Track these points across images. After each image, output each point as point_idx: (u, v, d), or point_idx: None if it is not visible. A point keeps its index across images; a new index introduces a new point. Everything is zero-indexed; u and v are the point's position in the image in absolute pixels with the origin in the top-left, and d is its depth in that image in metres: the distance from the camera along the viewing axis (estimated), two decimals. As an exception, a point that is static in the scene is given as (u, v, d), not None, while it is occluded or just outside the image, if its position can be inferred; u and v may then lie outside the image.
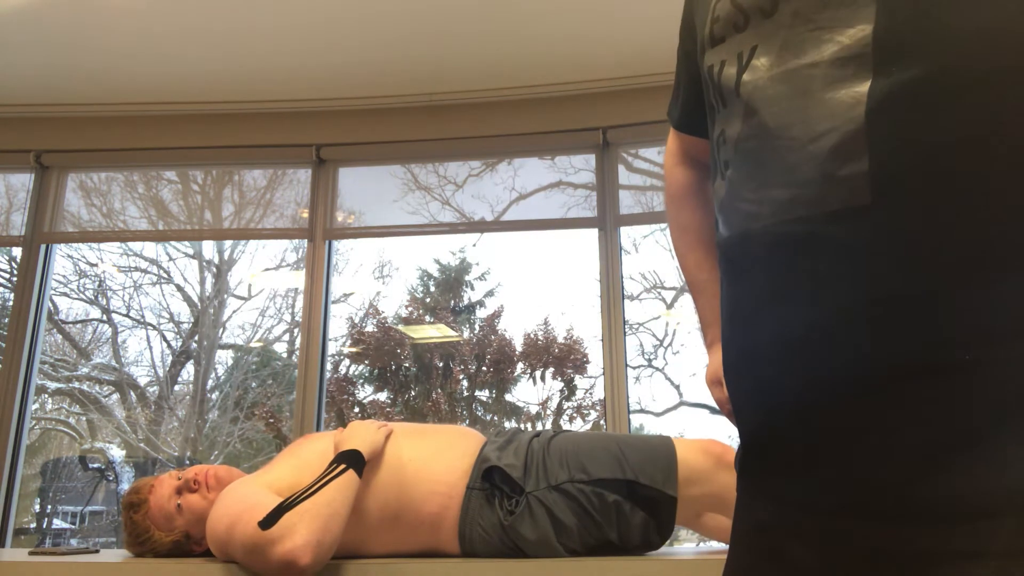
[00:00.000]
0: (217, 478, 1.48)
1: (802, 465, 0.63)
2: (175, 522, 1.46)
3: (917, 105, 0.57)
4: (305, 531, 1.20)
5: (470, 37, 2.69)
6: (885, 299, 0.56)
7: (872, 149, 0.57)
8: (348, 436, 1.41)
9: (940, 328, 0.55)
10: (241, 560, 1.27)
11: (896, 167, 0.57)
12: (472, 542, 1.38)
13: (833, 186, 0.59)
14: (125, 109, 3.10)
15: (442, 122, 3.05)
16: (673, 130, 1.06)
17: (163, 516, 1.46)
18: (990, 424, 0.53)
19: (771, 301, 0.65)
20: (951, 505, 0.53)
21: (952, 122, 0.55)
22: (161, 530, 1.46)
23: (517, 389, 6.13)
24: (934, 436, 0.54)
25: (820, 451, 0.61)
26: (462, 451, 1.47)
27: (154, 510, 1.47)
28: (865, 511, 0.57)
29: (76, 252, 5.64)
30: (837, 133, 0.59)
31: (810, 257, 0.61)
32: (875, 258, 0.57)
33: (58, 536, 5.79)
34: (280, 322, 6.27)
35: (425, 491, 1.40)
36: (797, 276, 0.62)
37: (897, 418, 0.55)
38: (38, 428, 5.84)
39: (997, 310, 0.53)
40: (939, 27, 0.57)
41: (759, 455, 0.69)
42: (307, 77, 2.94)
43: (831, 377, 0.59)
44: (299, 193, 3.12)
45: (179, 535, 1.45)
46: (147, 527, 1.46)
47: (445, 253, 6.29)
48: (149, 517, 1.46)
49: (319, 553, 1.21)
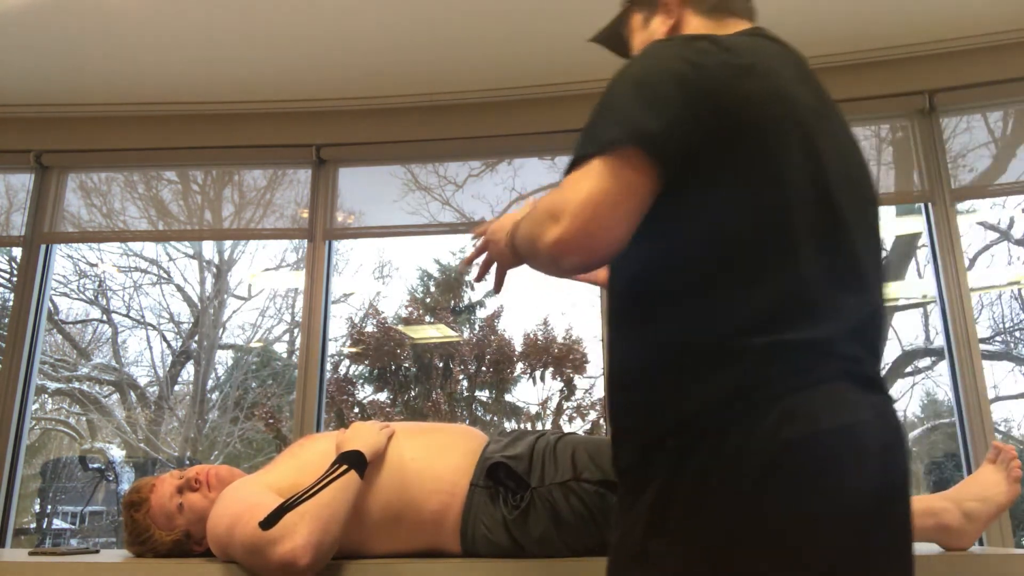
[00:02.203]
0: (218, 477, 1.48)
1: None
2: (176, 521, 1.45)
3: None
4: (305, 532, 1.20)
5: (470, 37, 2.69)
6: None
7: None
8: (350, 437, 1.41)
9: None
10: (241, 560, 1.27)
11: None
12: (475, 540, 1.38)
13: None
14: (125, 109, 3.10)
15: (442, 122, 3.05)
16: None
17: (164, 515, 1.46)
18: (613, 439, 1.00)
19: None
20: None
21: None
22: (162, 529, 1.46)
23: (517, 389, 6.14)
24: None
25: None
26: (465, 450, 1.46)
27: (155, 509, 1.47)
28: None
29: (76, 252, 5.64)
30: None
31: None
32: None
33: (58, 536, 5.79)
34: (280, 322, 6.27)
35: (427, 490, 1.40)
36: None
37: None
38: (38, 428, 5.84)
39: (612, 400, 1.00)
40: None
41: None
42: (307, 77, 2.94)
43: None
44: (299, 193, 3.12)
45: (179, 534, 1.45)
46: (147, 526, 1.46)
47: (445, 253, 6.30)
48: (150, 516, 1.46)
49: (319, 554, 1.21)
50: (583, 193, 0.89)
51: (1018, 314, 5.12)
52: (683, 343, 0.90)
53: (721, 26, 1.11)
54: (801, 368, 0.86)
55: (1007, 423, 4.89)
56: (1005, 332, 5.08)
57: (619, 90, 0.96)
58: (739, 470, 0.81)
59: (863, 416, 0.85)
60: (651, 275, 0.94)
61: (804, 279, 0.90)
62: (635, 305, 0.97)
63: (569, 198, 0.90)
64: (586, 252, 0.90)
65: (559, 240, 0.89)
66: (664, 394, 0.90)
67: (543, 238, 0.91)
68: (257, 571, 1.24)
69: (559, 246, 0.89)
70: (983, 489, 1.45)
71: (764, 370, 0.85)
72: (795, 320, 0.87)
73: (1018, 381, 4.93)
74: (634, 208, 0.90)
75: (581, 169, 0.91)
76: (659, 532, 0.84)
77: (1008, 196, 3.97)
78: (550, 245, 0.90)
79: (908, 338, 5.21)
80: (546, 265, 0.97)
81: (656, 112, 0.90)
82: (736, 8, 1.14)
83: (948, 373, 2.61)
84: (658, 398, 0.91)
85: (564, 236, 0.89)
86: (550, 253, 0.91)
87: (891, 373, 5.19)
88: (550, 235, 0.90)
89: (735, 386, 0.85)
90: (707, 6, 1.12)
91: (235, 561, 1.29)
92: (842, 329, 0.90)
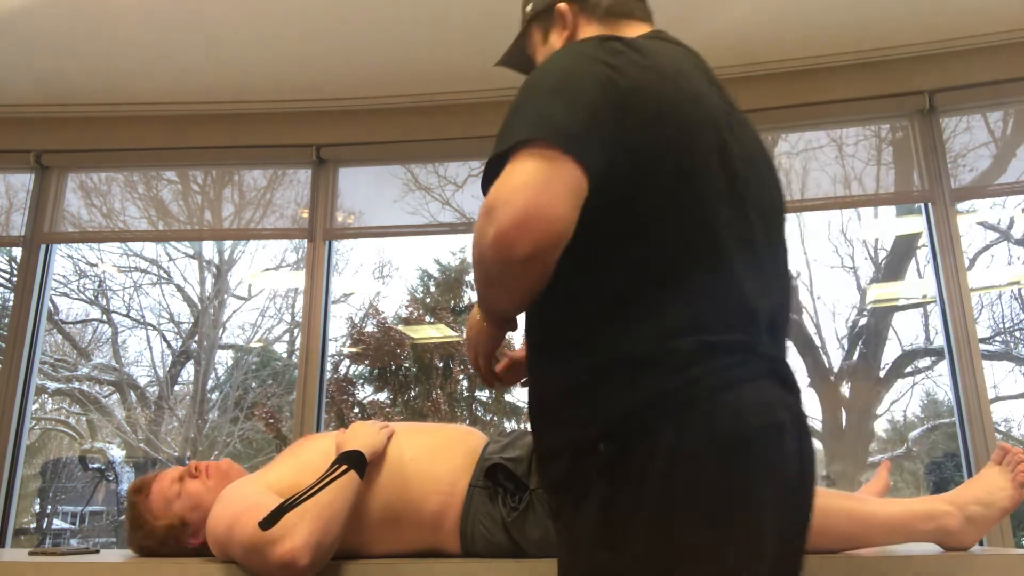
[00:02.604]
0: (218, 468, 1.51)
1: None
2: (173, 507, 1.47)
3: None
4: (305, 532, 1.20)
5: (470, 37, 2.68)
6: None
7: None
8: (350, 436, 1.41)
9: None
10: (241, 560, 1.27)
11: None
12: (474, 540, 1.39)
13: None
14: (125, 109, 3.10)
15: (442, 122, 3.05)
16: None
17: (163, 499, 1.48)
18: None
19: None
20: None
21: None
22: (158, 517, 1.47)
23: (517, 389, 6.13)
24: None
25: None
26: (464, 450, 1.47)
27: (155, 494, 1.49)
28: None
29: (76, 252, 5.64)
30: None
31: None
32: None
33: (58, 536, 5.79)
34: (280, 322, 6.27)
35: (427, 490, 1.40)
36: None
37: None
38: (38, 428, 5.84)
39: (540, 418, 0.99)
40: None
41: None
42: (307, 77, 2.94)
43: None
44: (299, 193, 3.12)
45: (174, 519, 1.46)
46: (146, 509, 1.49)
47: (445, 253, 6.29)
48: (149, 499, 1.49)
49: (319, 554, 1.21)
50: (510, 183, 0.84)
51: (1018, 314, 5.12)
52: (614, 351, 0.88)
53: (618, 30, 1.09)
54: (729, 366, 0.88)
55: (1007, 423, 4.89)
56: (1005, 332, 5.08)
57: (537, 90, 0.92)
58: (675, 467, 0.83)
59: (782, 416, 0.90)
60: (579, 287, 0.91)
61: (727, 283, 0.91)
62: (563, 319, 0.93)
63: (497, 193, 0.85)
64: (533, 233, 0.82)
65: (499, 231, 0.83)
66: (595, 402, 0.88)
67: (485, 239, 0.85)
68: (257, 571, 1.24)
69: (501, 236, 0.83)
70: (987, 493, 1.42)
71: (694, 370, 0.86)
72: (721, 323, 0.89)
73: (1018, 381, 4.93)
74: (567, 190, 0.84)
75: (503, 172, 0.86)
76: (608, 539, 0.85)
77: (1008, 196, 3.97)
78: (493, 239, 0.83)
79: (908, 338, 5.21)
80: (500, 269, 0.87)
81: (576, 113, 0.87)
82: (632, 12, 1.13)
83: (948, 373, 2.61)
84: (588, 407, 0.89)
85: (503, 224, 0.82)
86: (497, 249, 0.84)
87: (891, 373, 5.20)
88: (490, 231, 0.84)
89: (666, 387, 0.86)
90: (600, 11, 1.12)
91: (235, 561, 1.29)
92: (762, 331, 0.93)
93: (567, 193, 0.84)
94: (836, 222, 5.21)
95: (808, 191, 2.85)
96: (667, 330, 0.87)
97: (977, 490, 1.43)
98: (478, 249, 0.87)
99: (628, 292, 0.89)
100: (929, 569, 1.32)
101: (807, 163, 2.87)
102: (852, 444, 5.11)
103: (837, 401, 5.16)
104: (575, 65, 0.93)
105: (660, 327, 0.88)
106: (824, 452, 5.20)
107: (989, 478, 1.44)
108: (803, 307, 5.24)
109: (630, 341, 0.88)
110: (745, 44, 2.73)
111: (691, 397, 0.85)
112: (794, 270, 5.22)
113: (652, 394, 0.86)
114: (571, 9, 1.14)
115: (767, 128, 2.90)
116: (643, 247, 0.90)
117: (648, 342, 0.87)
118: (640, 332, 0.88)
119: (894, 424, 5.30)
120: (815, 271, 5.27)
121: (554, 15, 1.16)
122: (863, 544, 1.39)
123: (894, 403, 5.28)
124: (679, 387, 0.86)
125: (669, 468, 0.83)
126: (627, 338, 0.88)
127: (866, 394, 5.21)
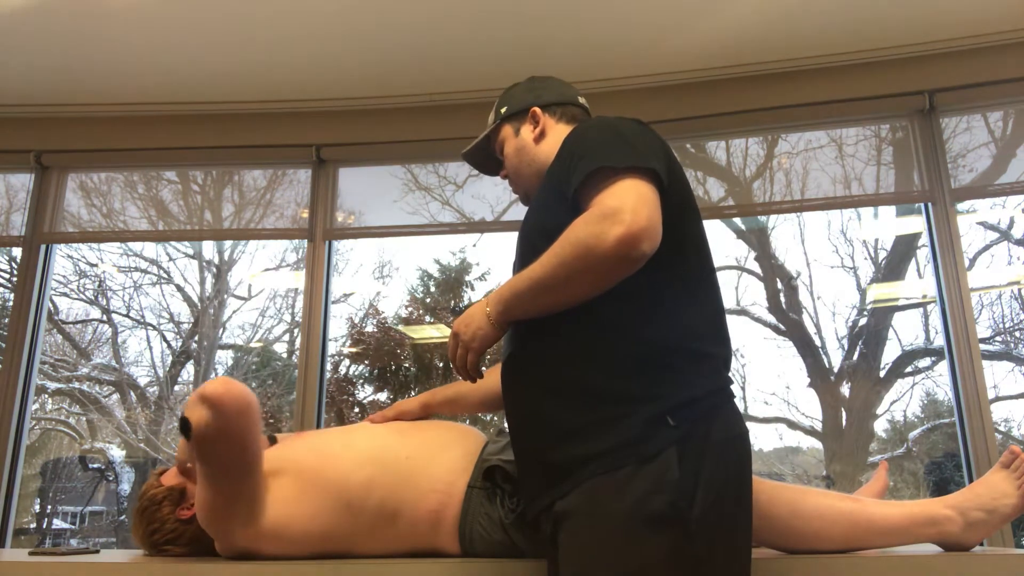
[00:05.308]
0: None
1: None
2: (179, 478, 1.52)
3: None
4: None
5: (470, 37, 2.68)
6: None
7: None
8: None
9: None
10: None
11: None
12: (472, 541, 1.38)
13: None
14: (125, 109, 3.10)
15: (442, 122, 3.04)
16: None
17: (172, 475, 1.54)
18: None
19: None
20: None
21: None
22: (164, 484, 1.52)
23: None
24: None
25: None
26: (463, 450, 1.46)
27: (168, 472, 1.56)
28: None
29: (76, 252, 5.63)
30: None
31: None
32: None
33: (58, 536, 5.78)
34: (280, 322, 6.27)
35: (424, 489, 1.40)
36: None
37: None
38: (38, 428, 5.83)
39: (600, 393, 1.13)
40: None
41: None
42: (307, 77, 2.94)
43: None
44: (299, 193, 3.12)
45: (177, 488, 1.51)
46: (153, 483, 1.54)
47: (445, 253, 6.29)
48: (161, 478, 1.55)
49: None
50: (632, 196, 1.05)
51: (1018, 314, 5.12)
52: (680, 340, 1.14)
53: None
54: (728, 382, 1.19)
55: (1007, 423, 4.89)
56: (1005, 332, 5.08)
57: (621, 132, 1.16)
58: (723, 451, 1.12)
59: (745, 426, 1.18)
60: (635, 287, 1.11)
61: (719, 306, 1.22)
62: (615, 311, 1.13)
63: (622, 201, 1.04)
64: (651, 241, 1.03)
65: (627, 233, 1.01)
66: (661, 383, 1.11)
67: (606, 238, 1.02)
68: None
69: (628, 238, 1.01)
70: (992, 499, 1.39)
71: (724, 375, 1.20)
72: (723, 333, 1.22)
73: (1018, 381, 4.92)
74: (661, 216, 1.07)
75: (608, 188, 1.07)
76: (669, 492, 1.04)
77: (1008, 196, 3.96)
78: (618, 239, 1.01)
79: (908, 338, 5.21)
80: (612, 264, 1.04)
81: (660, 160, 1.13)
82: (577, 115, 1.44)
83: (948, 373, 2.61)
84: (656, 385, 1.11)
85: (632, 228, 1.01)
86: (619, 247, 1.02)
87: (891, 373, 5.19)
88: (614, 232, 1.02)
89: (714, 385, 1.16)
90: (559, 113, 1.43)
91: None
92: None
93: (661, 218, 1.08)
94: (836, 222, 5.21)
95: (808, 191, 2.85)
96: (692, 331, 1.16)
97: (982, 495, 1.40)
98: (593, 240, 1.03)
99: (670, 294, 1.14)
100: (929, 569, 1.32)
101: (807, 163, 2.87)
102: (852, 444, 5.11)
103: (837, 401, 5.16)
104: (640, 125, 1.19)
105: (691, 327, 1.16)
106: (824, 452, 5.20)
107: (994, 483, 1.41)
108: (803, 307, 5.23)
109: (676, 335, 1.14)
110: (745, 44, 2.73)
111: (724, 399, 1.16)
112: (794, 270, 5.23)
113: (708, 388, 1.13)
114: (541, 112, 1.43)
115: (767, 128, 2.90)
116: (684, 261, 1.17)
117: (706, 340, 1.17)
118: (681, 328, 1.15)
119: (894, 424, 5.29)
120: (815, 271, 5.27)
121: (527, 116, 1.43)
122: (863, 547, 1.39)
123: (894, 403, 5.27)
124: (722, 387, 1.16)
125: (718, 451, 1.09)
126: (673, 332, 1.14)
127: (866, 394, 5.20)
